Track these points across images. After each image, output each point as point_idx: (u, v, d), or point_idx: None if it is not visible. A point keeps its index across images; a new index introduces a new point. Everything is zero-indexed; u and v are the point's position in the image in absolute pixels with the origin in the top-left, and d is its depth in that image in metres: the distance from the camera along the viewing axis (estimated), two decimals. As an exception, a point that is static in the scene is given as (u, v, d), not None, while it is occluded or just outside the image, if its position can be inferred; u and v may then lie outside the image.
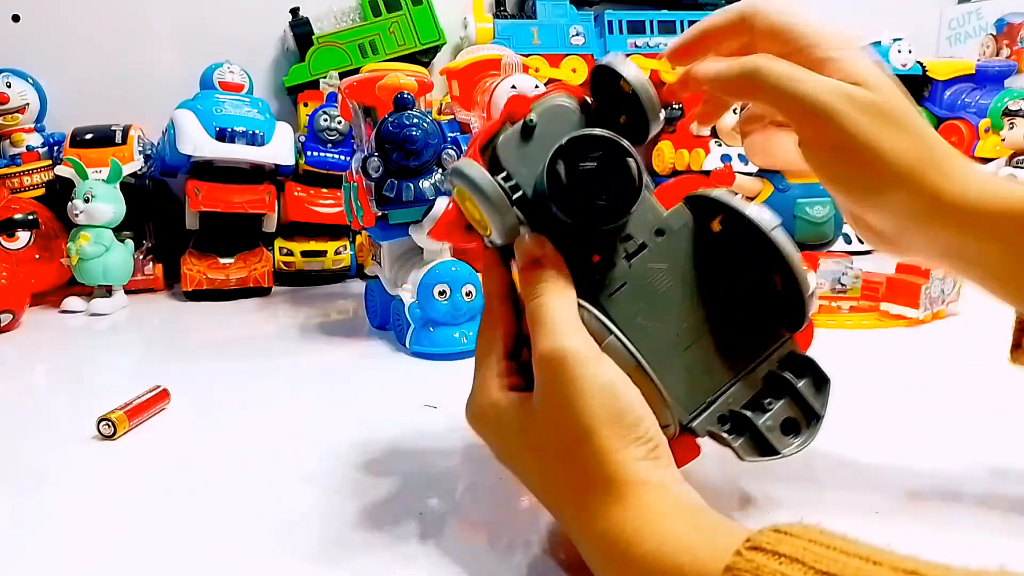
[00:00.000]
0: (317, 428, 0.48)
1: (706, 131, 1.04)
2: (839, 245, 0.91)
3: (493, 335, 0.34)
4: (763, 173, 0.81)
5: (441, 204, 0.60)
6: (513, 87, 0.66)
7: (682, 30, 1.09)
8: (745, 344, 0.33)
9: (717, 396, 0.33)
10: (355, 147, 0.70)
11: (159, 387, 0.50)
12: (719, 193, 0.34)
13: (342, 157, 0.92)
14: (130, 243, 0.84)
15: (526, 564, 0.31)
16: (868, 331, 0.68)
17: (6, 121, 0.92)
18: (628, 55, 1.09)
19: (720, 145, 1.03)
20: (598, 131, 0.31)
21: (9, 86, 0.91)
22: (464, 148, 0.66)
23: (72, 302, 0.80)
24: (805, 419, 0.33)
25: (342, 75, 0.92)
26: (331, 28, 1.01)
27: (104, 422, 0.44)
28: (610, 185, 0.31)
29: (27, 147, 0.92)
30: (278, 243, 0.93)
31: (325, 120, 0.91)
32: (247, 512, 0.36)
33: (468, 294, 0.61)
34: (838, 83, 0.32)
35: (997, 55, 1.23)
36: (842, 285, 0.72)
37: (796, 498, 0.37)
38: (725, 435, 0.32)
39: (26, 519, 0.36)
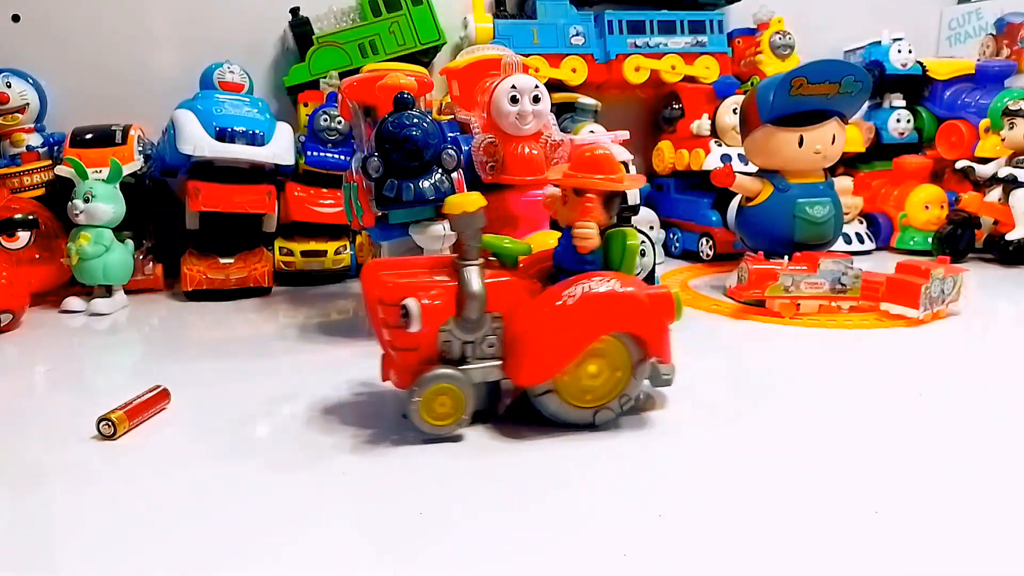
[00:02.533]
0: (317, 427, 0.48)
1: (706, 130, 1.04)
2: (839, 245, 0.91)
3: None
4: (763, 173, 0.81)
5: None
6: (513, 87, 0.66)
7: (682, 30, 1.11)
8: None
9: None
10: (355, 147, 0.70)
11: (159, 387, 0.50)
12: None
13: (342, 157, 0.92)
14: (130, 243, 0.84)
15: (527, 563, 0.32)
16: (868, 331, 0.68)
17: (6, 121, 0.92)
18: (628, 55, 1.09)
19: (720, 145, 1.03)
20: None
21: (9, 86, 0.91)
22: (464, 148, 0.66)
23: (72, 302, 0.80)
24: None
25: (342, 75, 0.92)
26: (331, 28, 1.01)
27: (104, 422, 0.44)
28: None
29: (27, 147, 0.92)
30: (278, 243, 0.93)
31: (325, 120, 0.91)
32: (247, 511, 0.36)
33: (468, 294, 0.61)
34: None
35: (997, 55, 1.23)
36: (842, 285, 0.72)
37: (796, 497, 0.37)
38: None
39: (26, 519, 0.36)
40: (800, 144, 0.78)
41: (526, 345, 0.44)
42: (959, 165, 1.05)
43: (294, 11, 1.01)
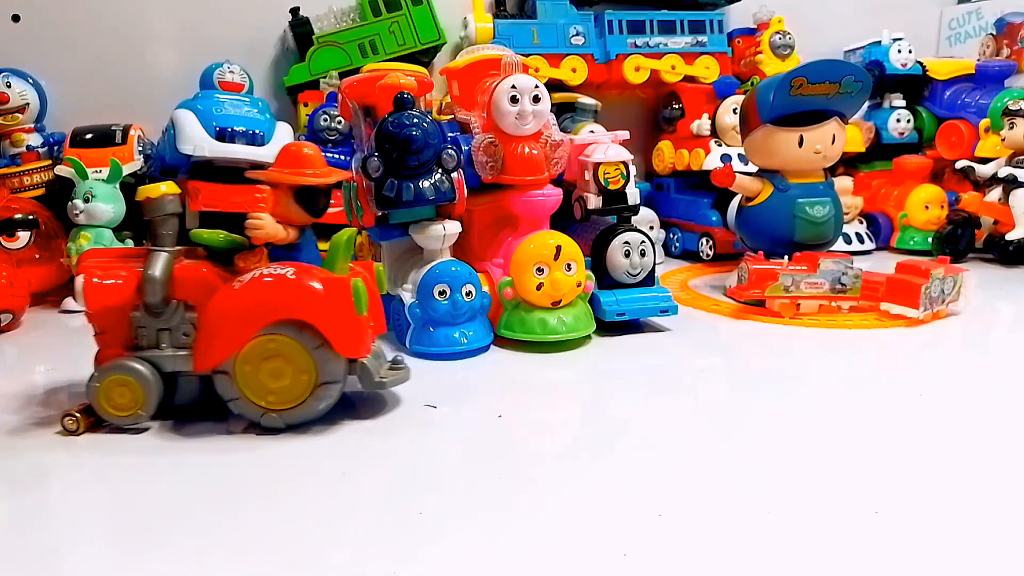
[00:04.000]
0: (316, 427, 0.48)
1: (706, 130, 1.04)
2: (839, 245, 0.91)
3: None
4: (763, 173, 0.81)
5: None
6: (513, 87, 0.66)
7: (682, 30, 1.11)
8: None
9: None
10: (355, 147, 0.70)
11: None
12: None
13: (342, 157, 0.92)
14: (130, 243, 0.84)
15: (526, 563, 0.32)
16: (868, 331, 0.68)
17: (6, 121, 0.92)
18: (628, 55, 1.09)
19: (720, 145, 1.03)
20: None
21: (9, 86, 0.91)
22: (464, 148, 0.66)
23: (72, 302, 0.80)
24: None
25: (342, 75, 0.92)
26: (331, 28, 1.01)
27: (68, 417, 0.45)
28: None
29: (27, 147, 0.92)
30: (278, 243, 0.93)
31: (325, 120, 0.91)
32: (245, 511, 0.36)
33: (468, 294, 0.61)
34: None
35: (997, 55, 1.23)
36: (842, 285, 0.72)
37: (796, 497, 0.37)
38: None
39: (27, 519, 0.36)
40: (800, 144, 0.78)
41: (199, 330, 0.45)
42: (959, 165, 1.05)
43: (294, 11, 1.01)
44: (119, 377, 0.45)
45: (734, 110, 0.99)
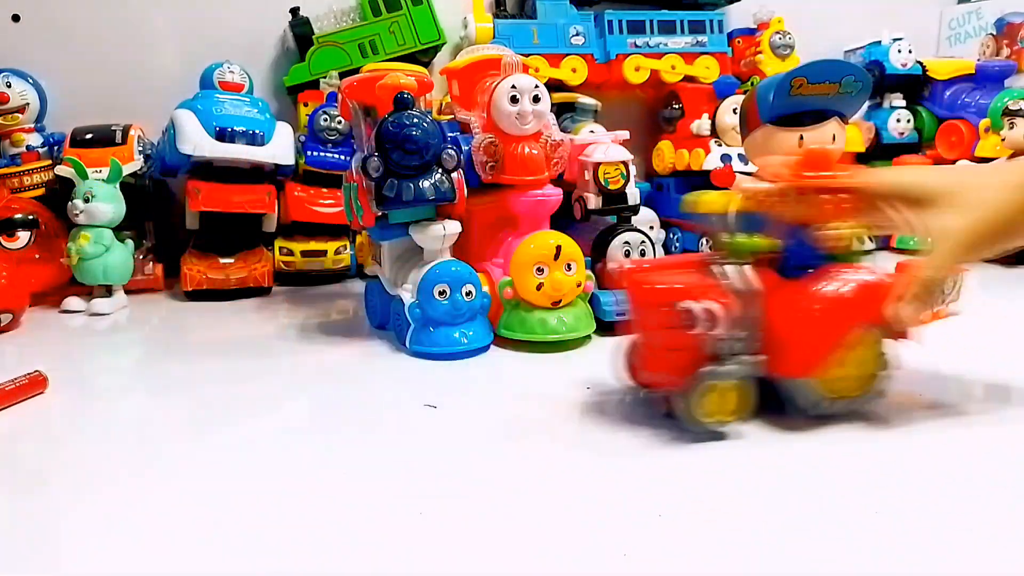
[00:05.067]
0: (317, 428, 0.48)
1: (706, 131, 1.04)
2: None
3: None
4: (763, 173, 0.81)
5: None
6: (513, 87, 0.66)
7: (682, 30, 1.11)
8: None
9: None
10: (355, 147, 0.70)
11: (36, 371, 0.50)
12: None
13: (342, 157, 0.92)
14: (130, 243, 0.84)
15: (527, 563, 0.32)
16: (868, 331, 0.68)
17: (6, 121, 0.92)
18: (628, 55, 1.09)
19: (720, 145, 1.03)
20: None
21: (9, 86, 0.91)
22: (464, 148, 0.66)
23: (72, 302, 0.80)
24: None
25: (342, 75, 0.92)
26: (331, 28, 1.01)
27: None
28: None
29: (27, 147, 0.92)
30: (278, 243, 0.93)
31: (325, 120, 0.92)
32: (246, 512, 0.36)
33: (468, 294, 0.61)
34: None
35: (997, 55, 1.23)
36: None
37: (796, 497, 0.37)
38: None
39: (29, 521, 0.36)
40: (800, 144, 0.77)
41: (790, 335, 0.45)
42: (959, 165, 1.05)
43: (294, 11, 1.01)
44: (724, 384, 0.44)
45: (734, 110, 0.98)
